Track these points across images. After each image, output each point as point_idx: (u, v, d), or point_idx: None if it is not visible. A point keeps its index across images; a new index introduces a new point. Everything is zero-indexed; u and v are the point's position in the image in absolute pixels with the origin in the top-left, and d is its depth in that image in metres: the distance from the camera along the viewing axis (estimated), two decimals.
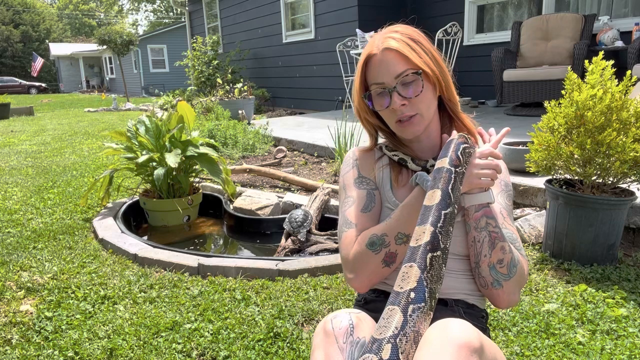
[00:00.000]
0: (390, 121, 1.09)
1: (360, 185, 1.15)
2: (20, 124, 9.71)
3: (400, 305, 0.78)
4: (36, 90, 30.56)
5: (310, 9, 8.43)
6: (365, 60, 1.07)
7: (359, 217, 1.10)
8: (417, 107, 1.04)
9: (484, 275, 1.01)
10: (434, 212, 0.89)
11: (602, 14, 5.42)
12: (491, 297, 1.03)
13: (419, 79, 1.03)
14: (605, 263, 2.09)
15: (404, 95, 1.03)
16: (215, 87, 9.33)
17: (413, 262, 0.83)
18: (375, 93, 1.07)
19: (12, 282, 2.19)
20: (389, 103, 1.04)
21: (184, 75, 13.71)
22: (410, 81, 1.03)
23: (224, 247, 3.03)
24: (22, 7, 40.80)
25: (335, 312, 0.92)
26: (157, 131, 3.14)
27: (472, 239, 1.01)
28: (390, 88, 1.03)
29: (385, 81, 1.04)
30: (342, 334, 0.86)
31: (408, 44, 1.05)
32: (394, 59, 1.03)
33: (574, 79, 1.99)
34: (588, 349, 1.53)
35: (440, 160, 0.97)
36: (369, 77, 1.07)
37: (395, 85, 1.03)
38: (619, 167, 1.90)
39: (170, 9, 47.79)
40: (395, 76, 1.03)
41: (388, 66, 1.03)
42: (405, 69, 1.03)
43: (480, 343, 0.77)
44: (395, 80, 1.03)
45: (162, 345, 1.65)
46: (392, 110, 1.04)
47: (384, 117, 1.10)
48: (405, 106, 1.03)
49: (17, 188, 4.00)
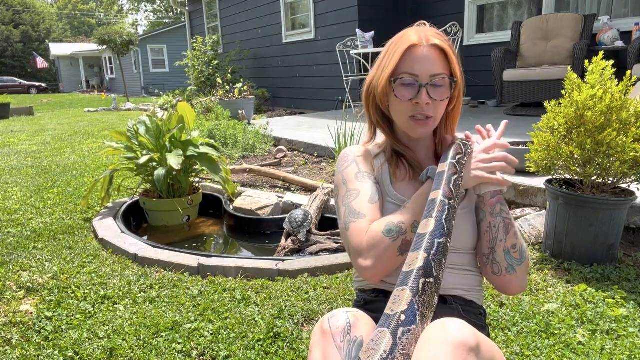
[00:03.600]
0: (402, 115, 1.08)
1: (363, 178, 1.15)
2: (20, 124, 9.71)
3: (390, 327, 0.76)
4: (36, 90, 30.57)
5: (310, 9, 8.43)
6: (407, 49, 1.06)
7: (367, 207, 1.07)
8: (435, 111, 1.06)
9: (499, 260, 1.03)
10: (427, 239, 0.88)
11: (602, 14, 5.42)
12: (504, 284, 1.05)
13: (449, 87, 1.06)
14: (605, 263, 2.09)
15: (432, 96, 1.04)
16: (215, 87, 9.33)
17: (405, 286, 0.81)
18: (403, 82, 1.05)
19: (12, 282, 2.19)
20: (415, 96, 1.04)
21: (184, 75, 13.72)
22: (441, 85, 1.04)
23: (224, 247, 3.03)
24: (22, 7, 40.79)
25: (333, 311, 0.92)
26: (158, 131, 3.14)
27: (488, 225, 1.04)
28: (422, 83, 1.03)
29: (420, 75, 1.03)
30: (339, 333, 0.86)
31: (452, 49, 1.07)
32: (437, 58, 1.04)
33: (574, 79, 1.99)
34: (588, 349, 1.53)
35: (433, 191, 0.98)
36: (402, 65, 1.06)
37: (428, 82, 1.03)
38: (619, 167, 1.90)
39: (170, 9, 47.79)
40: (431, 74, 1.03)
41: (428, 62, 1.03)
42: (443, 72, 1.04)
43: (477, 342, 0.78)
44: (430, 79, 1.03)
45: (162, 345, 1.65)
46: (415, 105, 1.04)
47: (397, 109, 1.09)
48: (428, 106, 1.04)
49: (17, 188, 4.00)
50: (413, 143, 1.16)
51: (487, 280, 1.11)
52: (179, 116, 3.17)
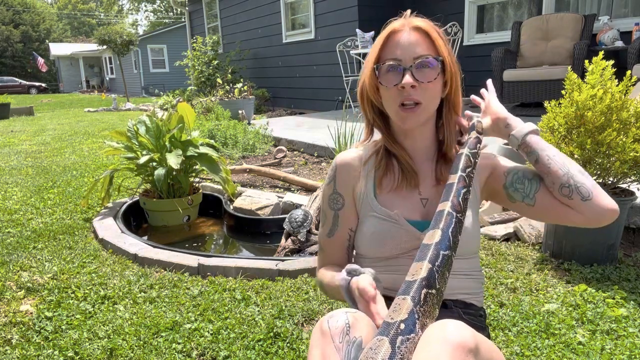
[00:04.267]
0: (392, 105, 1.03)
1: (331, 203, 1.16)
2: (20, 124, 9.72)
3: (389, 336, 0.76)
4: (36, 90, 30.56)
5: (310, 9, 8.43)
6: (387, 35, 1.03)
7: (325, 241, 1.18)
8: (424, 96, 1.00)
9: (581, 181, 0.99)
10: (432, 250, 0.87)
11: (602, 14, 5.42)
12: (598, 205, 0.98)
13: (436, 66, 1.00)
14: (605, 263, 2.09)
15: (417, 78, 0.99)
16: (215, 87, 9.33)
17: (406, 295, 0.81)
18: (386, 68, 1.01)
19: (12, 282, 2.19)
20: (399, 81, 0.99)
21: (184, 75, 13.72)
22: (427, 66, 0.99)
23: (224, 247, 3.03)
24: (22, 7, 40.79)
25: (332, 312, 0.92)
26: (158, 131, 3.14)
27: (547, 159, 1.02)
28: (405, 66, 0.99)
29: (403, 58, 1.00)
30: (338, 334, 0.86)
31: (435, 30, 1.03)
32: (418, 39, 1.01)
33: (574, 79, 1.99)
34: (588, 349, 1.53)
35: (442, 202, 0.97)
36: (384, 53, 1.03)
37: (411, 64, 0.99)
38: (619, 167, 1.90)
39: (170, 9, 47.79)
40: (414, 57, 0.99)
41: (410, 44, 1.00)
42: (427, 53, 1.00)
43: (476, 343, 0.78)
44: (413, 61, 0.99)
45: (162, 345, 1.65)
46: (400, 89, 1.00)
47: (386, 99, 1.05)
48: (415, 89, 0.99)
49: (17, 188, 4.00)
50: (410, 142, 1.11)
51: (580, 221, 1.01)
52: (179, 116, 3.17)
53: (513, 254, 2.27)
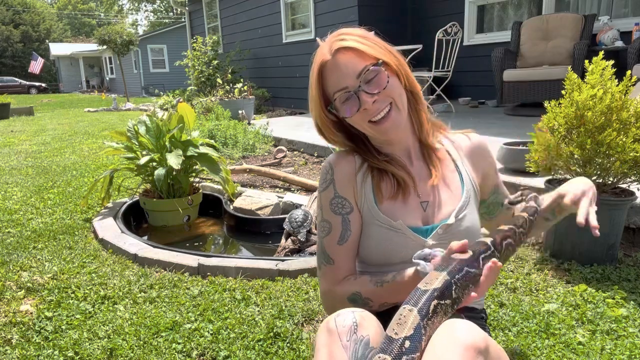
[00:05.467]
0: (362, 125, 1.01)
1: (336, 208, 1.07)
2: (20, 124, 9.71)
3: (392, 354, 0.72)
4: (36, 90, 30.58)
5: (310, 9, 8.43)
6: (319, 70, 1.00)
7: (336, 250, 1.05)
8: (389, 98, 0.98)
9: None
10: (456, 264, 0.82)
11: (602, 14, 5.42)
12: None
13: (381, 71, 0.97)
14: (605, 263, 2.09)
15: (372, 92, 0.96)
16: (215, 87, 9.32)
17: (414, 306, 0.77)
18: (341, 101, 0.99)
19: (12, 282, 2.19)
20: (359, 105, 0.97)
21: (184, 75, 13.72)
22: (374, 76, 0.96)
23: (224, 247, 3.03)
24: (22, 7, 40.80)
25: (339, 310, 0.91)
26: (158, 131, 3.14)
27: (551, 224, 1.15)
28: (355, 89, 0.96)
29: (349, 84, 0.97)
30: (345, 332, 0.85)
31: (359, 41, 0.98)
32: (349, 58, 0.97)
33: (574, 79, 1.99)
34: (588, 349, 1.53)
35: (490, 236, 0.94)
36: (328, 86, 1.00)
37: (359, 84, 0.96)
38: (619, 167, 1.90)
39: (170, 9, 47.79)
40: (356, 75, 0.96)
41: (346, 67, 0.96)
42: (364, 65, 0.96)
43: (486, 344, 0.77)
44: (357, 80, 0.96)
45: (162, 345, 1.65)
46: (364, 111, 0.97)
47: (356, 123, 1.01)
48: (377, 102, 0.97)
49: (17, 188, 4.00)
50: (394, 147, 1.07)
51: None
52: (179, 116, 3.17)
53: None
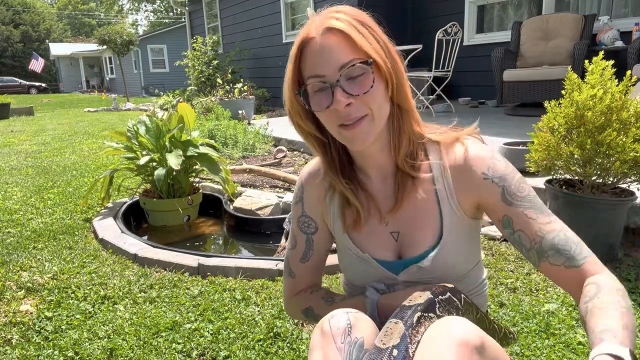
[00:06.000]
0: (331, 126, 0.86)
1: (302, 226, 1.04)
2: (20, 124, 9.71)
3: None
4: (36, 90, 30.59)
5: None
6: (300, 46, 0.83)
7: (297, 266, 1.06)
8: (366, 108, 0.83)
9: None
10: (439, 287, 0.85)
11: (602, 14, 5.42)
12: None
13: (368, 71, 0.81)
14: (605, 263, 2.09)
15: (350, 92, 0.81)
16: (215, 87, 9.33)
17: (399, 320, 0.79)
18: (313, 89, 0.83)
19: (12, 282, 2.19)
20: (331, 102, 0.82)
21: (184, 75, 13.73)
22: (358, 74, 0.81)
23: (224, 247, 3.03)
24: (22, 7, 40.81)
25: (333, 312, 0.89)
26: (158, 131, 3.14)
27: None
28: (332, 82, 0.81)
29: (327, 74, 0.81)
30: (339, 334, 0.84)
31: (355, 26, 0.82)
32: (337, 44, 0.81)
33: (574, 79, 1.99)
34: (588, 349, 1.52)
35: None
36: (305, 68, 0.84)
37: (338, 78, 0.81)
38: (619, 167, 1.90)
39: (170, 9, 47.81)
40: (339, 67, 0.80)
41: (330, 53, 0.81)
42: (352, 58, 0.81)
43: (481, 341, 0.76)
44: (338, 73, 0.81)
45: (162, 345, 1.65)
46: (334, 111, 0.82)
47: (324, 120, 0.87)
48: (352, 106, 0.82)
49: (17, 188, 4.00)
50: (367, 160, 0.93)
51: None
52: (179, 116, 3.17)
53: (513, 254, 2.27)
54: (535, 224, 0.85)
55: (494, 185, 0.87)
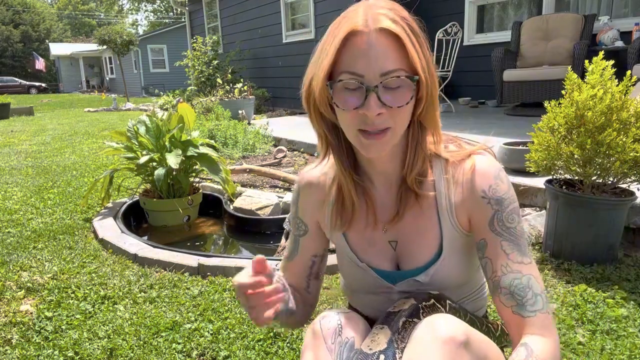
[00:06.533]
0: (350, 128, 0.80)
1: (293, 227, 1.05)
2: (20, 124, 9.71)
3: None
4: (36, 90, 30.59)
5: (310, 9, 8.43)
6: (347, 36, 0.76)
7: (284, 262, 1.08)
8: (393, 121, 0.78)
9: None
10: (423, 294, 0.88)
11: (602, 14, 5.42)
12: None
13: (410, 87, 0.77)
14: (605, 263, 2.09)
15: (384, 102, 0.76)
16: (215, 87, 9.32)
17: (385, 325, 0.81)
18: (344, 86, 0.77)
19: (12, 282, 2.19)
20: (361, 104, 0.76)
21: (184, 75, 13.72)
22: (398, 86, 0.76)
23: (224, 247, 3.03)
24: (22, 7, 40.82)
25: (325, 312, 0.90)
26: (158, 131, 3.14)
27: None
28: (369, 86, 0.75)
29: (367, 75, 0.75)
30: (330, 335, 0.84)
31: (408, 34, 0.77)
32: (387, 47, 0.75)
33: (574, 79, 1.99)
34: (588, 349, 1.53)
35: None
36: (342, 60, 0.77)
37: (377, 84, 0.75)
38: (619, 167, 1.90)
39: (170, 9, 47.80)
40: (382, 72, 0.75)
41: (377, 55, 0.75)
42: (398, 67, 0.75)
43: (467, 336, 0.76)
44: (379, 78, 0.75)
45: (162, 345, 1.65)
46: (361, 115, 0.77)
47: (344, 120, 0.81)
48: (380, 116, 0.76)
49: (17, 188, 4.00)
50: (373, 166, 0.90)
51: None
52: (179, 116, 3.17)
53: None
54: (504, 258, 0.83)
55: (488, 206, 0.85)
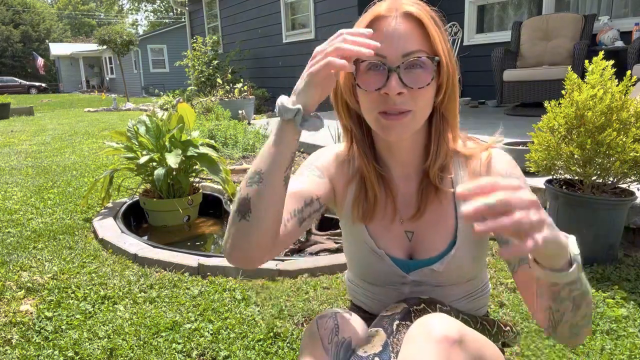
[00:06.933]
0: (371, 111, 0.82)
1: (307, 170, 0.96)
2: (20, 124, 9.71)
3: None
4: (36, 90, 30.59)
5: (310, 9, 8.43)
6: (372, 21, 0.80)
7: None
8: (414, 103, 0.80)
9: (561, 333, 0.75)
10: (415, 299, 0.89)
11: (602, 14, 5.42)
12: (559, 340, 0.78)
13: (430, 68, 0.79)
14: (605, 263, 2.09)
15: (406, 82, 0.78)
16: (215, 87, 9.33)
17: (379, 327, 0.82)
18: (366, 67, 0.80)
19: (12, 282, 2.19)
20: (383, 85, 0.78)
21: (184, 75, 13.73)
22: (420, 67, 0.78)
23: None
24: (22, 7, 40.82)
25: (323, 312, 0.90)
26: (158, 131, 3.14)
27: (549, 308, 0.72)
28: (391, 67, 0.78)
29: (389, 56, 0.78)
30: (327, 335, 0.84)
31: (430, 19, 0.81)
32: (410, 30, 0.79)
33: (574, 79, 1.99)
34: (588, 349, 1.53)
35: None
36: None
37: (399, 65, 0.78)
38: (619, 167, 1.90)
39: (170, 9, 47.81)
40: (404, 53, 0.78)
41: (399, 37, 0.78)
42: (420, 48, 0.79)
43: (460, 335, 0.76)
44: (401, 59, 0.78)
45: (162, 345, 1.65)
46: (383, 96, 0.79)
47: (365, 102, 0.83)
48: (403, 96, 0.78)
49: (17, 188, 4.00)
50: (394, 157, 0.92)
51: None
52: (179, 116, 3.17)
53: None
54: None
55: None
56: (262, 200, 0.79)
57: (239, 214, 0.80)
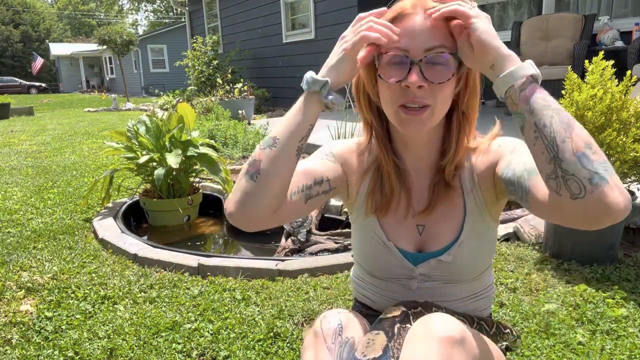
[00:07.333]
0: (390, 104, 0.84)
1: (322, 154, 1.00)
2: (20, 124, 9.71)
3: None
4: (36, 90, 30.58)
5: (310, 9, 8.43)
6: (396, 17, 0.82)
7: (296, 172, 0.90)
8: (434, 98, 0.81)
9: (574, 171, 0.65)
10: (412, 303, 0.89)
11: (602, 14, 5.42)
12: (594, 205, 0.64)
13: (452, 64, 0.80)
14: (605, 263, 2.09)
15: (426, 76, 0.79)
16: (215, 87, 9.33)
17: (380, 330, 0.81)
18: (389, 60, 0.81)
19: (12, 282, 2.19)
20: (404, 78, 0.79)
21: (184, 75, 13.73)
22: (441, 62, 0.79)
23: (224, 247, 3.03)
24: (22, 7, 40.82)
25: (326, 312, 0.91)
26: (158, 131, 3.14)
27: (533, 130, 0.69)
28: (413, 60, 0.79)
29: (411, 49, 0.79)
30: (330, 335, 0.85)
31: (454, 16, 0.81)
32: (433, 26, 0.79)
33: (574, 79, 1.99)
34: (588, 349, 1.53)
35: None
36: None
37: (421, 58, 0.79)
38: (619, 167, 1.90)
39: (170, 9, 47.81)
40: (426, 48, 0.79)
41: (423, 32, 0.79)
42: (442, 44, 0.79)
43: (462, 335, 0.77)
44: (424, 53, 0.79)
45: (162, 345, 1.65)
46: (403, 88, 0.80)
47: (386, 95, 0.84)
48: (423, 90, 0.79)
49: (17, 188, 4.00)
50: (411, 152, 0.94)
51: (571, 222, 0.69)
52: (178, 116, 3.17)
53: (513, 254, 2.27)
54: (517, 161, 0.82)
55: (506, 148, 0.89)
56: (272, 163, 0.81)
57: (247, 174, 0.82)
